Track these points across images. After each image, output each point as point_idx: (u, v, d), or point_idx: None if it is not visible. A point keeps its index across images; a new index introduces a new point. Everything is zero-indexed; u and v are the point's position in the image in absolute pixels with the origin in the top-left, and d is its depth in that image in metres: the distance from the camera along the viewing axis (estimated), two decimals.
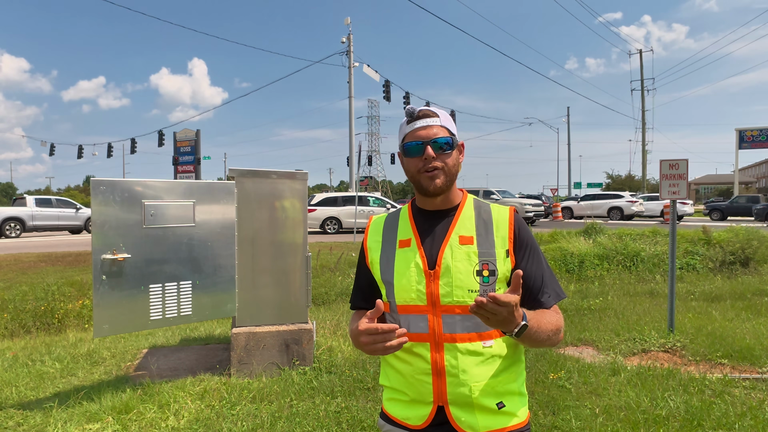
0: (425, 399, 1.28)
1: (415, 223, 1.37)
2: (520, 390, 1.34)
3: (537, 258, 1.34)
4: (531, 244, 1.34)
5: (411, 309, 1.30)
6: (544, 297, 1.32)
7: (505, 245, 1.30)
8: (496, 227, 1.32)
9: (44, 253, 11.24)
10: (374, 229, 1.44)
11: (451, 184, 1.34)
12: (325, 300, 8.62)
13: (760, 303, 6.88)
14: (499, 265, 1.28)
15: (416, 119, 1.32)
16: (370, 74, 25.85)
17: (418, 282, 1.29)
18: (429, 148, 1.29)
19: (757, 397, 3.62)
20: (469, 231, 1.31)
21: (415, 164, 1.31)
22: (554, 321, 1.28)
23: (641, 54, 41.56)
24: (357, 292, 1.48)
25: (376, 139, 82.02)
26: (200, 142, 23.54)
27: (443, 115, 1.34)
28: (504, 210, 1.36)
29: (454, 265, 1.27)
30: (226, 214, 4.12)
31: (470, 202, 1.38)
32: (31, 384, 4.07)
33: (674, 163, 5.43)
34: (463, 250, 1.29)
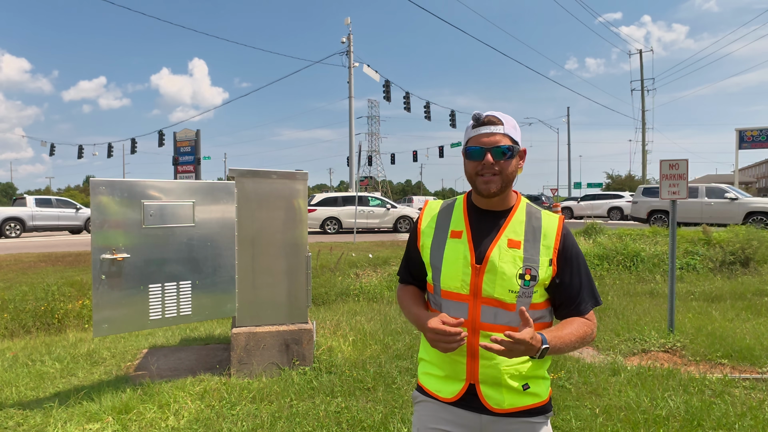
0: (459, 377, 1.44)
1: (469, 218, 1.48)
2: (544, 375, 1.47)
3: (578, 268, 1.44)
4: (574, 255, 1.43)
5: (453, 296, 1.44)
6: (581, 306, 1.44)
7: (549, 254, 1.40)
8: (544, 235, 1.42)
9: (44, 253, 11.24)
10: (430, 215, 1.55)
11: (506, 189, 1.43)
12: (325, 300, 8.62)
13: (760, 303, 6.88)
14: (540, 272, 1.39)
15: (481, 125, 1.40)
16: (370, 74, 25.86)
17: (465, 273, 1.41)
18: (489, 155, 1.37)
19: (757, 397, 3.62)
20: (518, 235, 1.42)
21: (474, 167, 1.41)
22: (581, 330, 1.39)
23: (641, 54, 41.57)
24: (405, 267, 1.64)
25: (376, 139, 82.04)
26: (200, 142, 23.54)
27: (508, 123, 1.41)
28: (554, 220, 1.45)
29: (500, 266, 1.39)
30: (225, 214, 4.12)
31: (523, 206, 1.48)
32: (31, 384, 4.07)
33: (674, 163, 5.43)
34: (510, 253, 1.40)
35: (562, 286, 1.43)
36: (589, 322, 1.43)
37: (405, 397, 3.64)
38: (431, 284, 1.49)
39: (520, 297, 1.38)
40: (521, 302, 1.38)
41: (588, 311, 1.44)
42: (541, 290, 1.41)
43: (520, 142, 1.43)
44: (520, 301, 1.38)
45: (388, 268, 10.06)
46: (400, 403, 3.54)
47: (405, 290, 1.64)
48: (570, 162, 46.79)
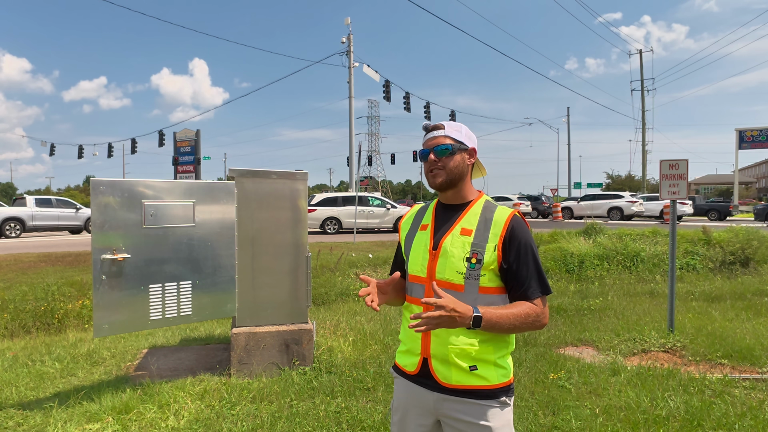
0: (415, 351, 1.62)
1: (435, 213, 1.70)
2: (497, 361, 1.56)
3: (525, 256, 1.55)
4: (521, 244, 1.54)
5: (416, 279, 1.64)
6: (528, 291, 1.55)
7: (495, 241, 1.54)
8: (494, 225, 1.56)
9: (44, 253, 11.24)
10: (410, 214, 1.80)
11: (453, 182, 1.62)
12: (325, 300, 8.62)
13: (760, 303, 6.88)
14: (486, 256, 1.53)
15: (428, 132, 1.67)
16: (370, 74, 25.86)
17: (423, 258, 1.62)
18: (432, 154, 1.62)
19: (757, 397, 3.62)
20: (471, 225, 1.59)
21: (425, 167, 1.66)
22: (523, 311, 1.50)
23: (641, 54, 41.56)
24: (394, 262, 1.85)
25: (376, 139, 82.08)
26: (200, 142, 23.56)
27: (450, 127, 1.64)
28: (505, 212, 1.59)
29: (450, 250, 1.57)
30: (226, 214, 4.12)
31: (481, 201, 1.65)
32: (31, 384, 4.07)
33: (674, 163, 5.43)
34: (461, 240, 1.57)
35: (509, 272, 1.54)
36: (534, 306, 1.53)
37: None
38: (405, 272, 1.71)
39: (468, 278, 1.53)
40: (469, 284, 1.54)
41: (535, 297, 1.54)
42: (489, 274, 1.54)
43: (465, 142, 1.64)
44: (468, 283, 1.54)
45: (388, 268, 10.06)
46: None
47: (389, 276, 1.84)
48: (570, 162, 46.80)
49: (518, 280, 1.54)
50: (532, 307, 1.52)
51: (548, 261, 10.17)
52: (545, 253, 10.46)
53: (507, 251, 1.54)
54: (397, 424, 1.69)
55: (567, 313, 6.70)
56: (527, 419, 3.29)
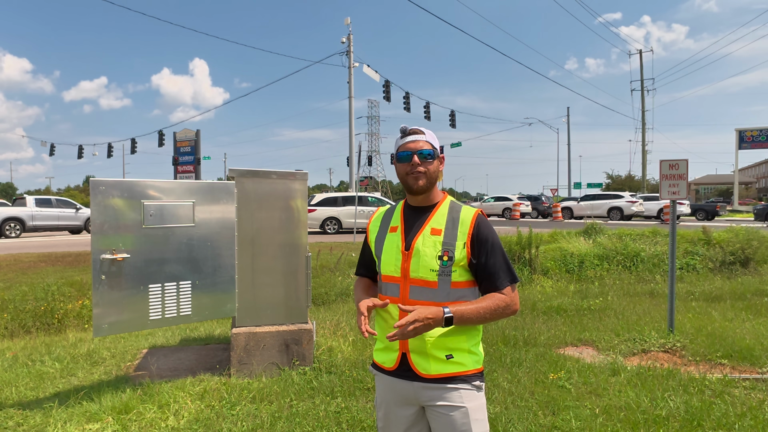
0: (393, 347, 1.70)
1: (404, 215, 1.78)
2: (470, 349, 1.69)
3: (492, 250, 1.67)
4: (488, 240, 1.67)
5: (389, 278, 1.73)
6: (497, 282, 1.66)
7: (464, 239, 1.66)
8: (461, 224, 1.68)
9: (44, 253, 11.24)
10: (377, 217, 1.88)
11: (432, 186, 1.72)
12: (325, 300, 8.62)
13: (760, 303, 6.88)
14: (456, 253, 1.64)
15: (408, 135, 1.73)
16: (370, 74, 25.86)
17: (396, 259, 1.70)
18: (415, 157, 1.68)
19: (757, 397, 3.62)
20: (440, 225, 1.69)
21: (405, 168, 1.71)
22: (492, 302, 1.63)
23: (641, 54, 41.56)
24: (360, 262, 1.94)
25: (376, 139, 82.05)
26: (200, 142, 23.56)
27: (428, 134, 1.74)
28: (470, 212, 1.71)
29: (423, 250, 1.66)
30: (225, 214, 4.12)
31: (447, 202, 1.75)
32: (31, 384, 4.07)
33: (674, 163, 5.43)
34: (432, 239, 1.67)
35: (479, 266, 1.66)
36: (503, 296, 1.65)
37: None
38: (378, 272, 1.78)
39: (441, 275, 1.64)
40: (442, 281, 1.64)
41: (504, 287, 1.66)
42: (460, 270, 1.65)
43: (438, 149, 1.75)
44: (441, 280, 1.64)
45: None
46: None
47: (358, 283, 1.94)
48: (570, 162, 46.80)
49: (487, 273, 1.66)
50: (500, 297, 1.64)
51: (548, 261, 10.17)
52: (545, 253, 10.46)
53: (475, 247, 1.66)
54: (383, 419, 1.78)
55: (567, 313, 6.70)
56: (527, 419, 3.29)
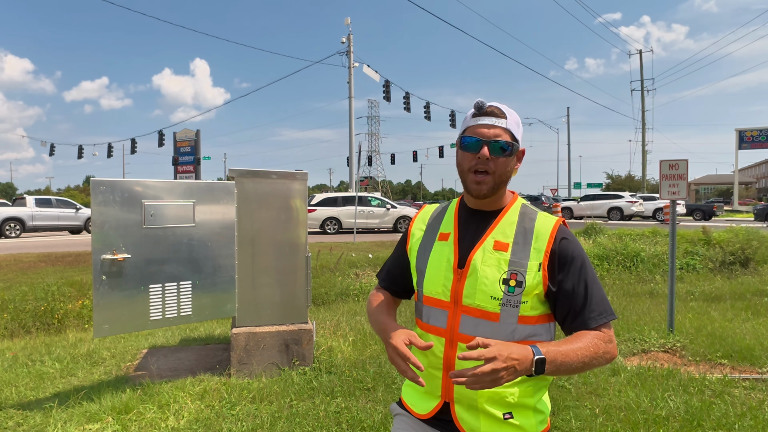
0: (434, 392, 1.30)
1: (458, 219, 1.36)
2: (536, 406, 1.27)
3: (581, 274, 1.24)
4: (574, 260, 1.24)
5: (435, 302, 1.31)
6: (588, 319, 1.22)
7: (539, 258, 1.23)
8: (535, 237, 1.25)
9: (44, 253, 11.24)
10: (421, 218, 1.45)
11: (498, 190, 1.29)
12: (325, 300, 8.62)
13: (760, 303, 6.89)
14: (528, 278, 1.22)
15: (482, 115, 1.27)
16: (370, 74, 25.86)
17: (446, 278, 1.29)
18: (486, 148, 1.24)
19: (757, 397, 3.62)
20: (507, 237, 1.27)
21: (468, 161, 1.27)
22: (592, 345, 1.18)
23: (641, 54, 41.57)
24: (386, 271, 1.52)
25: (376, 139, 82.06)
26: (200, 143, 23.56)
27: (512, 118, 1.27)
28: (550, 221, 1.28)
29: (482, 269, 1.25)
30: (226, 215, 4.12)
31: (517, 206, 1.33)
32: (31, 384, 4.07)
33: (674, 163, 5.43)
34: (495, 256, 1.25)
35: (561, 296, 1.24)
36: (603, 335, 1.21)
37: None
38: (416, 290, 1.40)
39: (505, 306, 1.22)
40: (506, 312, 1.23)
41: (595, 325, 1.22)
42: (533, 301, 1.23)
43: (520, 141, 1.30)
44: (506, 311, 1.22)
45: None
46: None
47: (377, 296, 1.51)
48: (570, 162, 46.82)
49: (574, 305, 1.23)
50: (601, 337, 1.21)
51: None
52: None
53: (555, 270, 1.24)
54: None
55: None
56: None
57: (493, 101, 1.29)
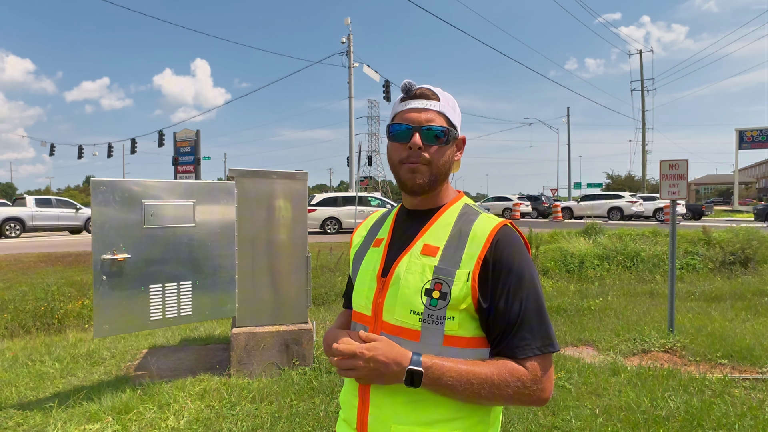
0: (352, 424, 1.11)
1: (395, 222, 1.19)
2: None
3: (518, 289, 1.00)
4: (512, 271, 1.01)
5: (359, 317, 1.14)
6: (513, 343, 0.99)
7: (470, 265, 1.01)
8: (470, 241, 1.04)
9: (44, 254, 11.24)
10: (365, 224, 1.28)
11: (437, 184, 1.10)
12: (325, 300, 8.63)
13: (760, 303, 6.89)
14: (454, 288, 1.00)
15: (411, 98, 1.10)
16: (370, 74, 25.86)
17: (369, 288, 1.11)
18: (417, 136, 1.06)
19: (757, 397, 3.63)
20: (439, 240, 1.06)
21: (399, 152, 1.09)
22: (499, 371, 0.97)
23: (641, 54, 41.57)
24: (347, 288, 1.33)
25: (376, 139, 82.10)
26: (200, 143, 23.54)
27: (445, 100, 1.10)
28: (491, 222, 1.06)
29: (405, 278, 1.05)
30: (226, 215, 4.12)
31: (458, 206, 1.13)
32: (31, 384, 4.07)
33: (674, 163, 5.43)
34: (421, 262, 1.05)
35: (491, 314, 1.01)
36: (525, 372, 0.98)
37: None
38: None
39: (426, 322, 1.01)
40: (428, 331, 1.01)
41: (525, 356, 0.98)
42: (461, 318, 1.01)
43: (458, 127, 1.13)
44: (427, 329, 1.01)
45: None
46: None
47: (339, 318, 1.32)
48: (570, 162, 46.80)
49: (502, 327, 1.00)
50: (518, 371, 0.98)
51: (548, 261, 10.17)
52: (545, 254, 10.45)
53: (489, 281, 1.01)
54: None
55: (567, 313, 6.70)
56: (527, 419, 3.29)
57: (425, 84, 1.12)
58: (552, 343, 1.01)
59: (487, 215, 1.10)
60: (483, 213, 1.11)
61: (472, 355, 1.02)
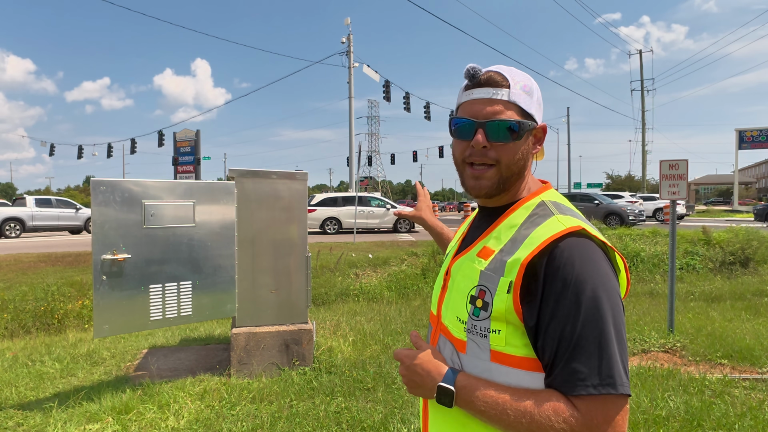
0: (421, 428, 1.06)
1: (476, 214, 1.08)
2: None
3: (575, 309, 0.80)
4: (568, 286, 0.81)
5: (430, 315, 1.07)
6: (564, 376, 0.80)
7: (512, 274, 0.85)
8: (523, 247, 0.87)
9: (44, 254, 11.24)
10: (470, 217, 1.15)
11: (507, 186, 0.96)
12: (325, 300, 8.63)
13: (760, 303, 6.89)
14: (496, 300, 0.86)
15: (476, 86, 0.94)
16: (370, 74, 25.85)
17: (438, 286, 1.06)
18: (480, 133, 0.92)
19: (757, 397, 3.63)
20: (499, 243, 0.93)
21: (461, 150, 0.96)
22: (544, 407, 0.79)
23: (641, 54, 41.57)
24: None
25: (376, 139, 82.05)
26: (200, 143, 23.55)
27: (518, 84, 0.93)
28: (554, 227, 0.87)
29: (458, 280, 0.96)
30: (226, 215, 4.12)
31: (531, 204, 0.96)
32: (31, 384, 4.07)
33: (674, 163, 5.43)
34: (473, 264, 0.94)
35: (538, 334, 0.83)
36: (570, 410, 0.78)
37: (405, 397, 3.64)
38: None
39: (470, 333, 0.89)
40: (474, 343, 0.89)
41: (577, 392, 0.78)
42: (509, 333, 0.86)
43: (537, 115, 0.96)
44: (473, 341, 0.89)
45: (387, 269, 10.05)
46: (400, 403, 3.53)
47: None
48: (570, 162, 46.82)
49: (552, 352, 0.82)
50: (564, 408, 0.79)
51: None
52: None
53: (534, 294, 0.84)
54: None
55: None
56: None
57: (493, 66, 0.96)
58: (614, 382, 0.78)
59: (560, 218, 0.90)
60: (557, 215, 0.91)
61: (527, 378, 0.85)
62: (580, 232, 0.87)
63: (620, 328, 0.81)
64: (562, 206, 0.95)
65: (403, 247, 11.90)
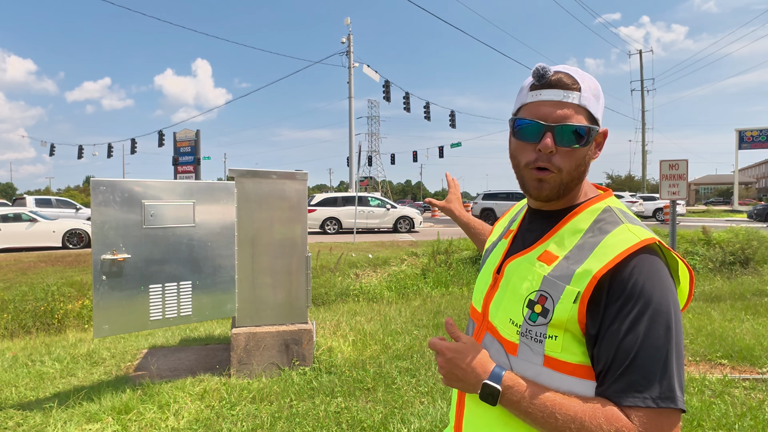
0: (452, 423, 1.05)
1: (525, 216, 1.06)
2: None
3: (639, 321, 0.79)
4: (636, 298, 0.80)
5: (472, 311, 1.06)
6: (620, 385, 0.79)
7: (581, 284, 0.83)
8: (593, 256, 0.85)
9: (44, 254, 11.24)
10: (510, 213, 1.17)
11: (568, 192, 0.94)
12: (325, 300, 8.63)
13: (760, 303, 6.88)
14: (558, 308, 0.85)
15: (544, 86, 0.90)
16: (370, 74, 25.85)
17: (485, 283, 1.03)
18: (549, 137, 0.88)
19: (756, 397, 3.62)
20: (562, 249, 0.90)
21: (526, 153, 0.92)
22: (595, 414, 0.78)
23: (641, 54, 41.58)
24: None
25: (376, 139, 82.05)
26: (200, 143, 23.55)
27: (588, 88, 0.91)
28: (627, 238, 0.84)
29: (513, 281, 0.94)
30: (226, 215, 4.12)
31: (596, 209, 0.94)
32: (31, 384, 4.07)
33: (674, 163, 5.44)
34: (534, 268, 0.91)
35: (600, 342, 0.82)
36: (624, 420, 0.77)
37: (405, 397, 3.64)
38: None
39: (524, 336, 0.88)
40: (526, 347, 0.89)
41: (633, 403, 0.78)
42: (565, 340, 0.85)
43: (600, 119, 0.95)
44: (525, 345, 0.89)
45: (387, 269, 10.06)
46: (399, 403, 3.54)
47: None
48: None
49: (611, 359, 0.81)
50: (617, 418, 0.78)
51: None
52: None
53: (599, 304, 0.83)
54: None
55: None
56: None
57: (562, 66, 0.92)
58: (673, 396, 0.77)
59: (629, 227, 0.87)
60: (626, 223, 0.88)
61: (579, 386, 0.84)
62: (651, 247, 0.85)
63: (680, 342, 0.82)
64: (628, 215, 0.93)
65: (403, 247, 11.90)
